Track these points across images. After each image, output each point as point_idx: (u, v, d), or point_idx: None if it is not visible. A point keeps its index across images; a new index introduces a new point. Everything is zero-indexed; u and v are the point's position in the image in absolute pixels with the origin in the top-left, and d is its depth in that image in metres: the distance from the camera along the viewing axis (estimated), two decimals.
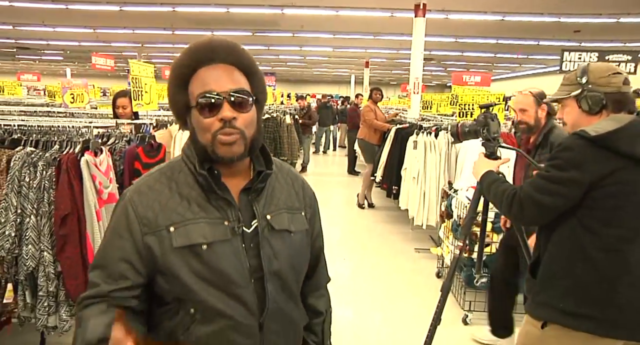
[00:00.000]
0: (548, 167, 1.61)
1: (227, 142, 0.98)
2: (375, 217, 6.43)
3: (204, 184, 1.01)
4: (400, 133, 5.60)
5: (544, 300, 1.61)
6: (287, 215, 1.10)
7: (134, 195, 1.03)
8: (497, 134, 1.93)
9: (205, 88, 0.99)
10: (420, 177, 4.83)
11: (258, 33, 14.08)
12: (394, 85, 33.27)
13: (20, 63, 26.19)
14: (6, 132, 2.63)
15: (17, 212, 2.31)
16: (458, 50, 17.37)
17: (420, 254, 4.87)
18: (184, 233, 0.98)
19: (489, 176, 1.86)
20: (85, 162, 2.36)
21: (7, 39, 16.96)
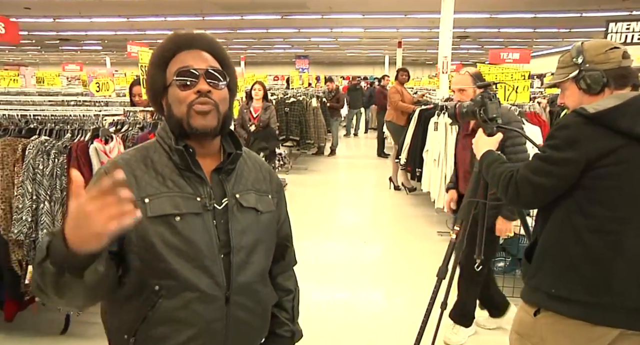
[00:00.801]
0: (545, 147, 1.53)
1: (202, 110, 1.05)
2: (400, 200, 6.36)
3: (178, 162, 1.07)
4: (423, 114, 5.47)
5: (536, 285, 1.56)
6: (255, 196, 1.16)
7: (110, 167, 1.07)
8: (496, 114, 1.85)
9: (184, 64, 1.07)
10: (441, 159, 4.72)
11: (287, 16, 13.99)
12: (429, 64, 32.44)
13: (64, 54, 27.25)
14: (25, 122, 2.75)
15: (33, 198, 2.43)
16: (494, 27, 16.65)
17: (442, 237, 4.79)
18: (158, 204, 1.03)
19: (488, 156, 1.79)
20: (94, 149, 2.45)
21: (49, 32, 17.67)
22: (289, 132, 7.84)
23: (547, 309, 1.52)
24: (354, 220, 5.67)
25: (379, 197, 6.61)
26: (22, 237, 2.43)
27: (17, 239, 2.44)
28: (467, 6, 11.04)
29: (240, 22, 15.04)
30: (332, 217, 5.84)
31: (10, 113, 2.74)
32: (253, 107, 5.79)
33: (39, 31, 17.24)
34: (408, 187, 6.61)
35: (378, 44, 23.04)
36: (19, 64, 22.93)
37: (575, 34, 18.49)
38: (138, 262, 1.03)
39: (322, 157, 9.38)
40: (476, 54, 26.88)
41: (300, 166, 8.53)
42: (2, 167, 2.46)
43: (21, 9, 12.83)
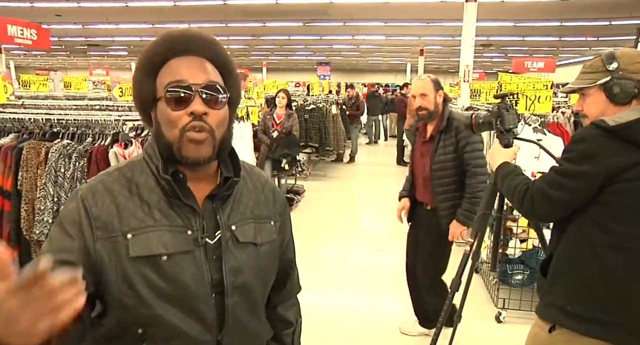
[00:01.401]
0: (562, 160, 1.50)
1: (196, 139, 0.89)
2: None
3: (167, 189, 0.92)
4: None
5: (551, 301, 1.52)
6: (254, 225, 1.01)
7: (88, 194, 0.92)
8: (512, 125, 1.82)
9: (176, 77, 0.90)
10: None
11: (309, 23, 14.10)
12: (452, 73, 32.16)
13: (92, 59, 27.99)
14: (50, 126, 2.82)
15: (54, 200, 2.49)
16: (518, 35, 16.46)
17: (460, 247, 4.70)
18: (143, 241, 0.89)
19: (504, 167, 1.76)
20: (114, 153, 2.50)
21: (78, 37, 18.19)
22: (308, 138, 7.86)
23: (562, 326, 1.48)
24: (372, 227, 5.64)
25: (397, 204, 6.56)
26: (43, 238, 2.50)
27: (39, 239, 2.51)
28: (491, 14, 10.95)
29: (263, 29, 15.22)
30: (349, 224, 5.82)
31: (35, 117, 2.82)
32: (276, 113, 5.85)
33: (68, 37, 17.76)
34: None
35: (400, 51, 22.99)
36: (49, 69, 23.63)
37: (603, 43, 18.11)
38: (117, 306, 0.90)
39: (341, 164, 9.37)
40: (500, 62, 26.58)
41: (319, 173, 8.55)
42: (27, 170, 2.53)
43: (52, 16, 13.25)
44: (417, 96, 2.58)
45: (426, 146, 2.67)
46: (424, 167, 2.67)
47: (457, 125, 2.54)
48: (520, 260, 3.28)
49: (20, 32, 9.51)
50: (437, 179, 2.60)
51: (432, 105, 2.57)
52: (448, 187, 2.62)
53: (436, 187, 2.61)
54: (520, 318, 3.23)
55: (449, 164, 2.58)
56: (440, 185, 2.61)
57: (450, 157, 2.57)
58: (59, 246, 0.88)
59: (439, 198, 2.61)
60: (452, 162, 2.58)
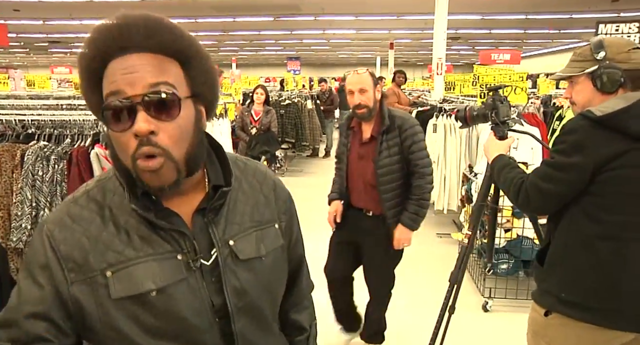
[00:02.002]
0: (553, 152, 1.52)
1: (148, 169, 0.72)
2: None
3: (143, 213, 0.77)
4: (420, 116, 5.47)
5: (546, 288, 1.56)
6: (255, 235, 0.88)
7: (55, 229, 0.77)
8: (507, 117, 1.84)
9: (111, 87, 0.72)
10: (440, 161, 4.71)
11: (280, 18, 13.97)
12: (420, 66, 32.59)
13: (53, 56, 26.96)
14: (22, 127, 2.69)
15: (32, 205, 2.37)
16: (485, 28, 16.79)
17: (442, 238, 4.79)
18: (126, 278, 0.75)
19: (499, 160, 1.77)
20: (96, 154, 2.40)
21: (39, 34, 17.47)
22: (284, 134, 7.81)
23: (557, 311, 1.52)
24: None
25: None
26: (21, 245, 2.38)
27: (16, 246, 2.39)
28: (460, 8, 11.08)
29: (233, 25, 14.98)
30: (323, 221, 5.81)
31: (7, 118, 2.68)
32: (254, 110, 5.77)
33: (28, 33, 17.03)
34: None
35: (370, 45, 23.10)
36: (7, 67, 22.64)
37: (565, 35, 18.72)
38: None
39: (316, 159, 9.35)
40: (467, 54, 27.09)
41: (295, 168, 8.50)
42: (0, 174, 2.40)
43: (10, 11, 12.66)
44: (356, 92, 2.27)
45: (365, 148, 2.38)
46: (364, 170, 2.37)
47: (400, 124, 2.31)
48: (505, 249, 3.34)
49: None
50: (384, 184, 2.34)
51: (371, 102, 2.28)
52: (396, 192, 2.38)
53: (383, 193, 2.34)
54: (507, 306, 3.30)
55: (395, 167, 2.33)
56: (388, 190, 2.36)
57: (395, 159, 2.32)
58: (29, 297, 0.75)
59: (388, 204, 2.36)
60: (398, 164, 2.33)
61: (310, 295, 1.11)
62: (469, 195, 3.87)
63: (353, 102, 2.29)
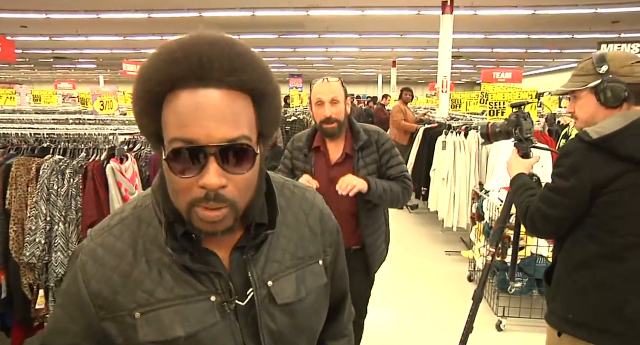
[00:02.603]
0: (553, 175, 1.51)
1: (210, 220, 0.67)
2: (404, 218, 6.32)
3: (179, 252, 0.72)
4: (428, 133, 5.48)
5: (554, 308, 1.54)
6: (296, 275, 0.81)
7: (88, 260, 0.74)
8: (530, 133, 1.82)
9: (183, 133, 0.64)
10: (449, 178, 4.70)
11: (284, 35, 14.13)
12: (422, 83, 32.86)
13: (57, 72, 27.19)
14: (36, 140, 2.68)
15: (47, 220, 2.34)
16: (488, 47, 17.01)
17: (451, 256, 4.75)
18: (155, 321, 0.71)
19: (517, 180, 1.75)
20: (111, 169, 2.38)
21: (44, 50, 17.64)
22: None
23: (565, 332, 1.50)
24: None
25: None
26: (34, 260, 2.34)
27: (29, 261, 2.35)
28: (463, 27, 11.23)
29: None
30: None
31: (23, 132, 2.67)
32: None
33: (34, 49, 17.20)
34: (410, 205, 6.59)
35: (372, 63, 23.32)
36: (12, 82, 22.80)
37: (566, 54, 18.94)
38: None
39: None
40: (468, 73, 27.36)
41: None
42: (16, 188, 2.38)
43: (18, 27, 12.81)
44: (326, 103, 1.92)
45: (338, 170, 1.97)
46: (339, 197, 1.88)
47: (377, 138, 2.03)
48: (518, 267, 3.29)
49: None
50: (366, 210, 2.00)
51: (342, 116, 1.95)
52: (377, 219, 2.09)
53: (364, 219, 2.00)
54: (521, 325, 3.24)
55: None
56: (369, 217, 2.02)
57: (374, 171, 2.03)
58: (62, 328, 0.75)
59: (368, 232, 2.02)
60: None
61: (350, 325, 1.05)
62: (480, 212, 3.84)
63: (322, 114, 1.93)
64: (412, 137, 6.27)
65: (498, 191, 3.57)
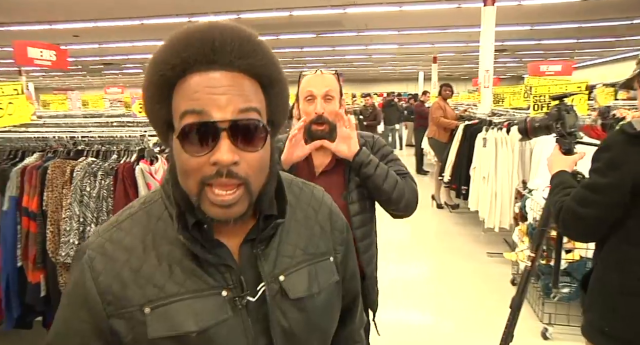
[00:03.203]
0: (590, 171, 1.36)
1: (223, 203, 0.66)
2: (444, 219, 6.13)
3: (190, 243, 0.71)
4: (468, 130, 5.27)
5: (590, 319, 1.41)
6: (308, 270, 0.80)
7: (96, 256, 0.71)
8: (574, 128, 1.67)
9: (195, 106, 0.65)
10: (490, 176, 4.49)
11: (322, 34, 14.08)
12: (464, 79, 31.98)
13: (106, 77, 28.40)
14: (72, 143, 2.75)
15: (80, 221, 2.39)
16: (534, 39, 16.23)
17: (492, 258, 4.54)
18: (165, 316, 0.69)
19: (556, 178, 1.60)
20: (140, 170, 2.40)
21: (94, 57, 18.44)
22: None
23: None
24: (395, 238, 5.47)
25: (421, 215, 6.39)
26: (69, 260, 2.39)
27: (65, 261, 2.40)
28: (507, 19, 10.79)
29: (276, 42, 15.23)
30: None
31: (59, 135, 2.74)
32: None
33: (85, 57, 18.02)
34: (451, 205, 6.38)
35: (412, 60, 22.90)
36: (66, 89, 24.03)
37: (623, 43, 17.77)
38: None
39: None
40: (514, 67, 26.33)
41: None
42: (52, 189, 2.44)
43: (70, 37, 13.45)
44: (318, 97, 1.56)
45: (326, 181, 1.53)
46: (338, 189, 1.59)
47: (373, 142, 1.70)
48: (566, 272, 3.09)
49: (40, 54, 9.62)
50: (359, 226, 1.61)
51: (333, 116, 1.58)
52: (371, 239, 1.69)
53: (359, 241, 1.61)
54: (570, 334, 3.04)
55: (367, 202, 1.64)
56: (364, 236, 1.64)
57: (368, 193, 1.63)
58: (68, 329, 0.72)
59: (365, 257, 1.64)
60: (370, 199, 1.65)
61: (362, 332, 1.02)
62: (523, 212, 3.64)
63: (311, 111, 1.57)
64: (452, 134, 6.07)
65: (543, 190, 3.36)
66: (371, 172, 1.55)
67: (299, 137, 1.56)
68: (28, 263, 2.50)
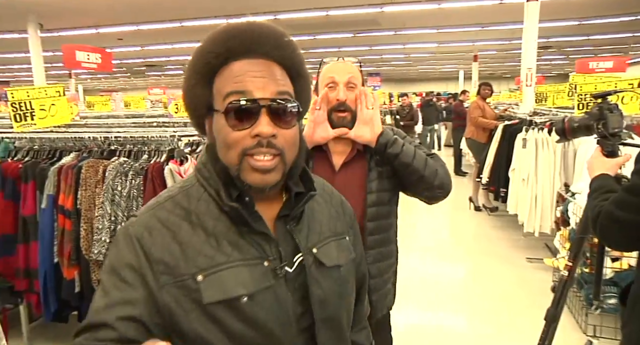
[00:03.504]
0: (632, 173, 1.24)
1: (262, 168, 0.75)
2: (483, 222, 5.93)
3: (233, 216, 0.78)
4: (508, 130, 5.07)
5: (628, 334, 1.29)
6: (334, 244, 0.89)
7: (144, 232, 0.76)
8: (617, 128, 1.54)
9: (239, 87, 0.76)
10: (530, 178, 4.29)
11: (359, 34, 13.98)
12: (507, 78, 31.00)
13: (149, 79, 29.34)
14: (107, 144, 2.82)
15: (111, 220, 2.44)
16: (582, 35, 15.48)
17: (532, 263, 4.34)
18: (217, 282, 0.74)
19: (596, 182, 1.49)
20: (170, 170, 2.42)
21: (137, 59, 19.09)
22: None
23: None
24: (432, 241, 5.34)
25: (458, 218, 6.21)
26: (101, 258, 2.45)
27: (97, 259, 2.46)
28: (553, 14, 10.35)
29: (313, 42, 15.27)
30: (407, 238, 5.55)
31: (94, 135, 2.82)
32: None
33: (129, 59, 18.67)
34: (489, 208, 6.17)
35: (452, 58, 22.39)
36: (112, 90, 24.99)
37: None
38: None
39: None
40: (560, 64, 25.29)
41: None
42: (85, 189, 2.51)
43: (115, 40, 13.97)
44: (342, 85, 1.47)
45: (345, 176, 1.50)
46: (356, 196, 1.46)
47: (397, 131, 1.56)
48: (612, 281, 2.89)
49: (87, 57, 10.08)
50: (375, 232, 1.50)
51: (355, 105, 1.49)
52: (387, 248, 1.55)
53: (371, 233, 1.49)
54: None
55: (386, 198, 1.52)
56: (379, 243, 1.51)
57: (388, 185, 1.52)
58: (119, 298, 0.72)
59: (372, 253, 1.49)
60: (390, 192, 1.53)
61: (366, 319, 1.09)
62: (565, 217, 3.45)
63: (334, 98, 1.47)
64: (491, 135, 5.86)
65: (586, 194, 3.17)
66: (398, 151, 1.44)
67: (322, 115, 1.47)
68: (63, 260, 2.58)
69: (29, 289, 2.70)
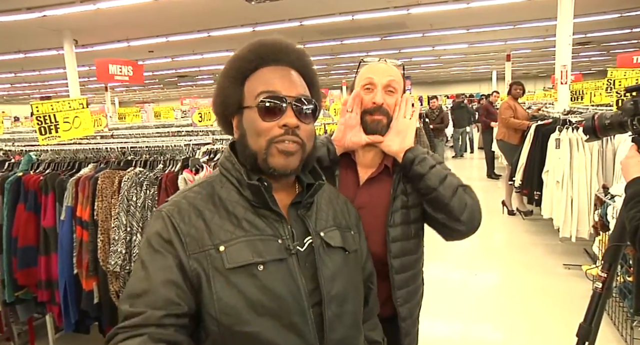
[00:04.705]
0: None
1: (287, 150, 0.92)
2: (516, 226, 5.68)
3: (251, 198, 0.93)
4: (540, 130, 4.84)
5: None
6: (339, 233, 1.02)
7: (173, 211, 0.91)
8: None
9: (270, 88, 0.93)
10: (565, 180, 4.06)
11: (386, 37, 13.83)
12: (542, 77, 30.05)
13: (182, 89, 30.02)
14: (122, 153, 2.82)
15: (127, 230, 2.42)
16: (624, 28, 14.75)
17: (570, 270, 4.10)
18: (237, 251, 0.88)
19: (633, 186, 1.34)
20: (183, 179, 2.38)
21: (169, 70, 19.54)
22: None
23: None
24: (464, 247, 5.13)
25: (491, 223, 5.96)
26: (117, 269, 2.44)
27: (114, 270, 2.45)
28: (590, 8, 9.92)
29: (340, 47, 15.22)
30: (438, 244, 5.37)
31: (110, 146, 2.83)
32: None
33: (160, 70, 19.14)
34: (523, 212, 5.90)
35: (484, 59, 21.87)
36: (145, 102, 25.70)
37: None
38: (215, 328, 0.86)
39: None
40: (600, 61, 24.27)
41: None
42: (102, 199, 2.51)
43: (146, 52, 14.34)
44: (380, 87, 1.31)
45: (367, 193, 1.33)
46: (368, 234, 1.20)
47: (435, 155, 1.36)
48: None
49: (119, 70, 10.38)
50: (399, 255, 1.31)
51: (393, 109, 1.33)
52: (415, 285, 1.40)
53: (398, 272, 1.32)
54: None
55: (412, 217, 1.33)
56: (405, 282, 1.35)
57: (413, 209, 1.33)
58: (160, 265, 0.86)
59: (402, 294, 1.33)
60: (415, 218, 1.34)
61: (376, 317, 1.19)
62: (604, 221, 3.22)
63: (369, 100, 1.31)
64: (523, 135, 5.62)
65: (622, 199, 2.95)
66: (424, 171, 1.25)
67: (355, 118, 1.31)
68: (82, 271, 2.58)
69: (51, 300, 2.72)
